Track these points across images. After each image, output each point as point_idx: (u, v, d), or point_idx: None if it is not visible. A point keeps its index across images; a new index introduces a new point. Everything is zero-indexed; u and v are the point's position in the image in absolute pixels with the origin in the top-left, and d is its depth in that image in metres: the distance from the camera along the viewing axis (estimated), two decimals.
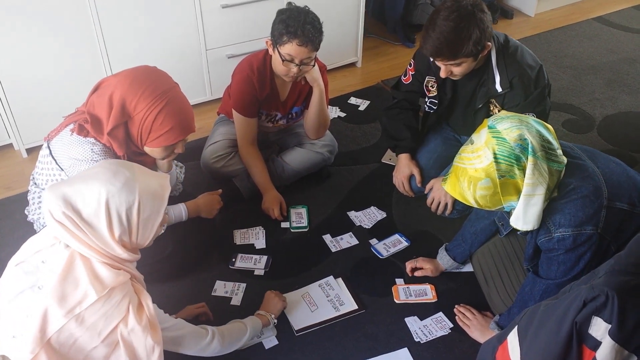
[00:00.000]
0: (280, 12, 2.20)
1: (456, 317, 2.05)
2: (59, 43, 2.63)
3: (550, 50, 3.87)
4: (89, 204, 1.35)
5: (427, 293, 2.14)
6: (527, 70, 2.09)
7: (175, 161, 2.16)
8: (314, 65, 2.29)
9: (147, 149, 1.86)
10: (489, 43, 2.03)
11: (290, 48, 2.17)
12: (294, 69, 2.22)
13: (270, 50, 2.27)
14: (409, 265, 2.21)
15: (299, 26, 2.13)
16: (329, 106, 3.18)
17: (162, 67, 1.89)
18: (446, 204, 2.31)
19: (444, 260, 2.19)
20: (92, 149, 1.77)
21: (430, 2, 3.84)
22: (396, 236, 2.39)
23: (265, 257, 2.27)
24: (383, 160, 2.82)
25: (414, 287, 2.16)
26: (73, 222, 1.34)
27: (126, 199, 1.37)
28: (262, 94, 2.37)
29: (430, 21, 1.97)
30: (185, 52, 2.96)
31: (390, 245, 2.34)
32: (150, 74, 1.82)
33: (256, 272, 2.22)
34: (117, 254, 1.40)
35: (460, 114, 2.36)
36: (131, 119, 1.78)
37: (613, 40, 4.01)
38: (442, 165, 2.41)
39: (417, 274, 2.20)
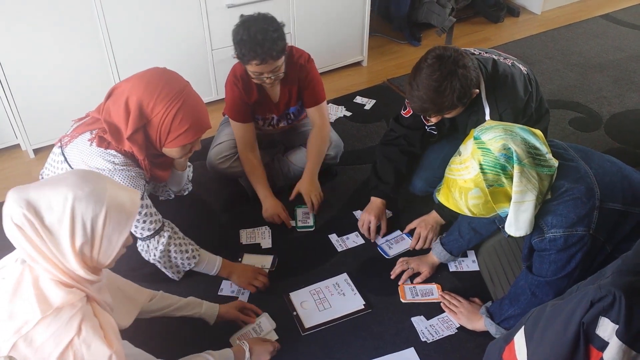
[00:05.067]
0: (234, 31, 2.16)
1: (441, 304, 2.07)
2: (66, 45, 2.64)
3: (557, 48, 3.86)
4: (54, 208, 1.25)
5: (433, 292, 2.14)
6: (517, 103, 2.09)
7: None
8: (284, 70, 2.27)
9: (165, 149, 1.87)
10: (476, 90, 2.01)
11: (253, 67, 2.18)
12: (267, 80, 2.25)
13: None
14: (405, 274, 2.17)
15: (252, 47, 2.10)
16: (335, 105, 3.19)
17: (168, 67, 1.89)
18: (426, 237, 2.30)
19: (441, 255, 2.18)
20: (113, 161, 1.78)
21: (437, 0, 3.83)
22: (402, 235, 2.39)
23: (271, 257, 2.27)
24: None
25: (420, 287, 2.16)
26: (33, 226, 1.24)
27: (93, 207, 1.27)
28: (250, 99, 2.38)
29: (414, 77, 1.96)
30: (191, 52, 2.96)
31: (396, 245, 2.34)
32: (162, 75, 1.83)
33: None
34: (72, 269, 1.29)
35: (461, 138, 2.34)
36: (149, 121, 1.79)
37: (620, 37, 3.99)
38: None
39: (418, 280, 2.17)
